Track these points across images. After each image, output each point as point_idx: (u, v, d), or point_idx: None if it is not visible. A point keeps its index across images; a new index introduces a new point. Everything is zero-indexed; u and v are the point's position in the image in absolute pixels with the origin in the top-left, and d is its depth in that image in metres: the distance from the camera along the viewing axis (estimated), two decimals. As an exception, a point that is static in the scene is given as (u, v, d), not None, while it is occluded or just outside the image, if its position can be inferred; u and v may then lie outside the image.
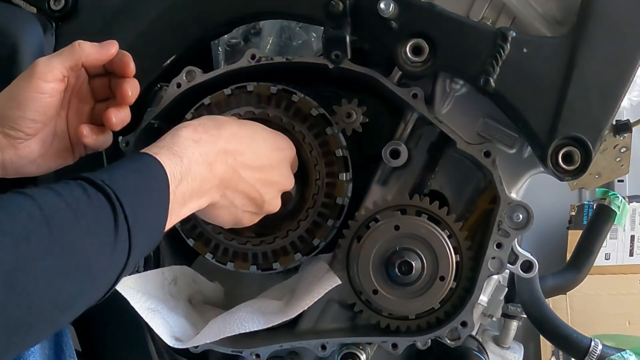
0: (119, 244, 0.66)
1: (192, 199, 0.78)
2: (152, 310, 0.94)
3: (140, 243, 0.70)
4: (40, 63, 0.83)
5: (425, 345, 0.97)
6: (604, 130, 0.88)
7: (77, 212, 0.64)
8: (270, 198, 0.90)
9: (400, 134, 0.99)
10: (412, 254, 0.94)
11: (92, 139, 0.88)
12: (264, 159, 0.88)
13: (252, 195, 0.87)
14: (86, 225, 0.64)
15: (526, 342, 1.65)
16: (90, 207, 0.65)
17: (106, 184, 0.67)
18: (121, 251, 0.67)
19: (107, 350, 1.06)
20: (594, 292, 1.76)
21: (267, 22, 1.30)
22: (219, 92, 0.98)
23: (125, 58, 0.88)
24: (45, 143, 0.87)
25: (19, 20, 1.05)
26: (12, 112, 0.83)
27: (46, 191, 0.64)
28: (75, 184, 0.66)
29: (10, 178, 0.88)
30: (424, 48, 0.90)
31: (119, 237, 0.66)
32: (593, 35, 0.86)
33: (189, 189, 0.77)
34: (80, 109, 0.91)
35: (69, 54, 0.84)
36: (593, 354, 1.09)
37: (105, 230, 0.65)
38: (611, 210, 1.21)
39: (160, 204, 0.73)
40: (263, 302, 0.99)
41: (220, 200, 0.84)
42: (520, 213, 0.93)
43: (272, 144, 0.91)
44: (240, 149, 0.85)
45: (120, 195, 0.67)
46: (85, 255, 0.64)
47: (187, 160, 0.77)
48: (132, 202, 0.68)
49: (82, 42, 0.86)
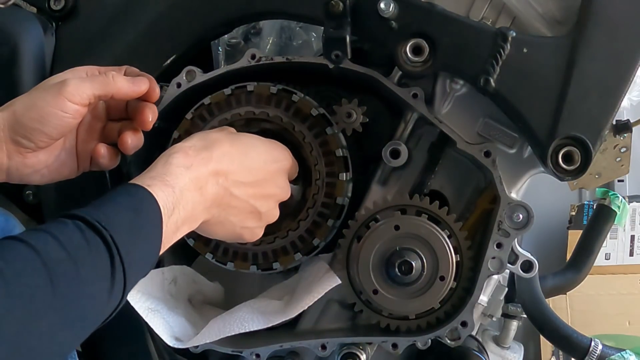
0: (116, 286, 0.68)
1: (184, 224, 0.79)
2: (152, 310, 0.94)
3: (134, 279, 0.71)
4: (72, 84, 0.82)
5: (425, 345, 0.97)
6: (604, 130, 0.88)
7: (76, 261, 0.64)
8: (267, 210, 0.90)
9: (400, 134, 0.99)
10: (412, 254, 0.94)
11: (107, 159, 0.89)
12: (258, 174, 0.88)
13: (247, 210, 0.87)
14: (85, 274, 0.65)
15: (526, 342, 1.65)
16: (89, 254, 0.65)
17: (102, 225, 0.67)
18: (117, 292, 0.68)
19: (107, 350, 1.06)
20: (594, 292, 1.75)
21: (267, 22, 1.30)
22: (219, 92, 0.98)
23: (152, 83, 0.89)
24: (52, 155, 0.87)
25: (19, 20, 1.05)
26: (31, 123, 0.82)
27: (45, 237, 0.64)
28: (72, 226, 0.66)
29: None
30: (424, 48, 0.90)
31: (115, 280, 0.67)
32: (593, 35, 0.87)
33: (181, 216, 0.77)
34: (92, 126, 0.91)
35: (101, 84, 0.84)
36: (593, 354, 1.09)
37: (104, 276, 0.66)
38: (611, 210, 1.21)
39: (154, 239, 0.74)
40: (263, 302, 0.99)
41: (212, 218, 0.84)
42: (520, 213, 0.93)
43: (266, 156, 0.90)
44: (232, 168, 0.85)
45: (116, 237, 0.67)
46: (85, 305, 0.65)
47: (179, 190, 0.77)
48: (128, 243, 0.68)
49: (116, 75, 0.86)
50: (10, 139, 0.82)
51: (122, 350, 1.06)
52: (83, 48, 1.04)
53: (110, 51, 1.02)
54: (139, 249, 0.71)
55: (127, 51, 0.98)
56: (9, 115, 0.82)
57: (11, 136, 0.82)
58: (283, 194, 0.92)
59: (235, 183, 0.85)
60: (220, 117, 0.98)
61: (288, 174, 0.94)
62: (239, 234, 0.89)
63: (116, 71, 0.88)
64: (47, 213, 1.06)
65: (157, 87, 0.89)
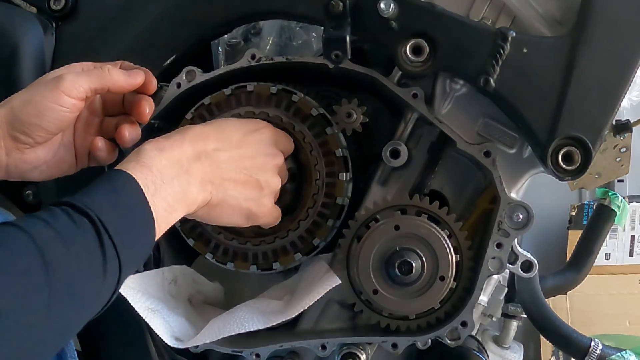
0: (109, 263, 0.69)
1: (179, 205, 0.80)
2: (152, 310, 0.94)
3: (131, 256, 0.73)
4: (68, 78, 0.83)
5: (425, 345, 0.97)
6: (604, 130, 0.88)
7: (66, 240, 0.67)
8: (265, 178, 0.90)
9: (400, 134, 0.99)
10: (412, 254, 0.94)
11: (104, 153, 0.89)
12: (239, 144, 0.88)
13: (243, 180, 0.87)
14: (75, 251, 0.67)
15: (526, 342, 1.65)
16: (77, 232, 0.68)
17: (88, 207, 0.70)
18: (112, 269, 0.70)
19: (107, 350, 1.06)
20: (594, 292, 1.75)
21: (267, 22, 1.30)
22: (219, 92, 0.98)
23: (148, 75, 0.89)
24: (51, 151, 0.88)
25: (19, 20, 1.05)
26: (28, 118, 0.83)
27: (36, 221, 0.67)
28: (60, 211, 0.69)
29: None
30: (424, 48, 0.90)
31: (107, 256, 0.69)
32: (593, 35, 0.87)
33: (170, 194, 0.78)
34: (90, 121, 0.92)
35: (97, 78, 0.85)
36: (593, 354, 1.09)
37: (93, 252, 0.68)
38: (611, 210, 1.21)
39: (143, 215, 0.75)
40: (263, 302, 0.99)
41: (213, 197, 0.85)
42: (520, 213, 0.93)
43: (243, 127, 0.91)
44: (210, 144, 0.85)
45: (102, 216, 0.70)
46: (78, 280, 0.67)
47: (156, 169, 0.78)
48: (114, 220, 0.71)
49: (112, 69, 0.87)
50: (8, 135, 0.83)
51: (122, 350, 1.06)
52: (83, 48, 1.04)
53: (110, 51, 1.02)
54: (127, 225, 0.73)
55: (127, 51, 0.98)
56: (6, 111, 0.83)
57: (9, 132, 0.83)
58: (275, 160, 0.91)
59: (220, 156, 0.86)
60: (220, 117, 0.98)
61: (275, 142, 0.93)
62: (248, 209, 0.89)
63: (112, 65, 0.88)
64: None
65: (153, 80, 0.90)
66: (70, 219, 0.68)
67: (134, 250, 0.74)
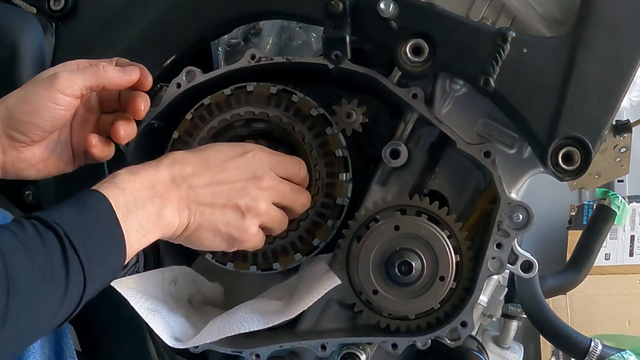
0: (72, 276, 0.70)
1: (152, 226, 0.79)
2: (152, 310, 0.94)
3: (97, 272, 0.73)
4: (63, 76, 0.83)
5: (425, 345, 0.97)
6: (604, 130, 0.88)
7: (29, 251, 0.68)
8: (247, 201, 0.87)
9: (400, 134, 0.99)
10: (412, 254, 0.94)
11: (99, 149, 0.89)
12: (219, 168, 0.86)
13: (221, 204, 0.85)
14: (38, 262, 0.68)
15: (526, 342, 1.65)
16: (42, 244, 0.69)
17: (55, 222, 0.71)
18: (75, 282, 0.70)
19: (107, 350, 1.06)
20: (594, 292, 1.76)
21: (267, 22, 1.30)
22: (219, 92, 0.98)
23: (143, 72, 0.89)
24: (47, 149, 0.88)
25: (19, 20, 1.05)
26: (24, 117, 0.83)
27: (3, 230, 0.68)
28: (28, 223, 0.70)
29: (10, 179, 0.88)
30: (424, 48, 0.90)
31: (70, 270, 0.70)
32: (593, 35, 0.86)
33: (143, 216, 0.78)
34: (86, 118, 0.92)
35: (92, 75, 0.85)
36: (593, 354, 1.09)
37: (56, 265, 0.69)
38: (611, 210, 1.21)
39: (113, 233, 0.75)
40: (263, 302, 0.99)
41: (190, 222, 0.84)
42: (520, 213, 0.93)
43: (226, 152, 0.88)
44: (187, 168, 0.84)
45: (68, 231, 0.71)
46: (38, 290, 0.68)
47: (129, 191, 0.78)
48: (81, 236, 0.72)
49: (107, 66, 0.87)
50: (4, 134, 0.84)
51: (122, 350, 1.06)
52: (83, 48, 1.04)
53: (109, 51, 1.02)
54: (95, 243, 0.73)
55: (127, 51, 0.98)
56: (2, 110, 0.83)
57: (5, 131, 0.83)
58: (260, 183, 0.88)
59: (197, 181, 0.84)
60: (220, 117, 0.98)
61: (271, 165, 0.90)
62: (229, 234, 0.87)
63: (107, 62, 0.88)
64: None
65: (149, 76, 0.90)
66: (37, 232, 0.69)
67: (102, 266, 0.74)
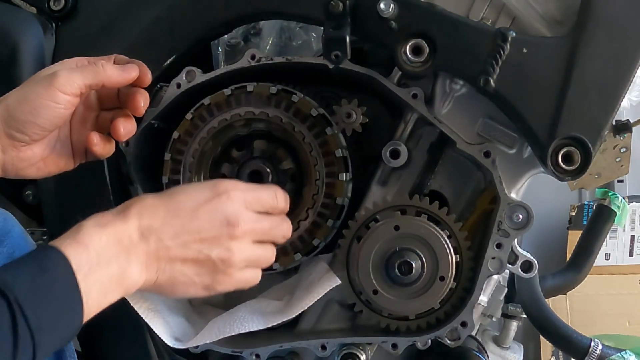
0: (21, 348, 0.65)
1: (115, 285, 0.74)
2: (152, 310, 0.94)
3: (49, 342, 0.69)
4: (62, 74, 0.83)
5: (425, 345, 0.97)
6: (604, 130, 0.88)
7: None
8: (219, 252, 0.80)
9: (400, 134, 0.99)
10: (412, 254, 0.94)
11: (100, 147, 0.88)
12: (190, 216, 0.79)
13: (192, 256, 0.79)
14: None
15: (526, 342, 1.66)
16: None
17: (8, 287, 0.66)
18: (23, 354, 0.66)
19: (106, 350, 1.06)
20: (594, 292, 1.76)
21: (267, 22, 1.30)
22: (219, 92, 0.98)
23: (142, 69, 0.89)
24: (47, 148, 0.88)
25: (19, 20, 1.05)
26: (23, 116, 0.83)
27: None
28: None
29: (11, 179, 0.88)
30: (424, 48, 0.90)
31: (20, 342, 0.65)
32: (593, 35, 0.86)
33: (106, 275, 0.73)
34: (85, 116, 0.91)
35: (91, 73, 0.84)
36: (593, 354, 1.09)
37: (4, 337, 0.65)
38: (611, 210, 1.21)
39: (70, 299, 0.70)
40: (263, 302, 0.99)
41: (159, 277, 0.78)
42: (520, 213, 0.93)
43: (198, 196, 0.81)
44: (157, 218, 0.78)
45: (21, 299, 0.66)
46: None
47: (93, 248, 0.72)
48: (35, 304, 0.67)
49: (106, 64, 0.86)
50: (4, 134, 0.83)
51: (122, 351, 1.06)
52: (83, 48, 1.04)
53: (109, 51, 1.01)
54: (50, 311, 0.68)
55: (127, 51, 0.98)
56: (1, 110, 0.83)
57: (5, 130, 0.83)
58: (237, 230, 0.80)
59: (167, 232, 0.77)
60: (220, 118, 0.98)
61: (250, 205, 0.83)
62: (202, 283, 0.80)
63: (105, 60, 0.88)
64: (47, 213, 1.06)
65: (148, 73, 0.89)
66: None
67: (54, 335, 0.69)
